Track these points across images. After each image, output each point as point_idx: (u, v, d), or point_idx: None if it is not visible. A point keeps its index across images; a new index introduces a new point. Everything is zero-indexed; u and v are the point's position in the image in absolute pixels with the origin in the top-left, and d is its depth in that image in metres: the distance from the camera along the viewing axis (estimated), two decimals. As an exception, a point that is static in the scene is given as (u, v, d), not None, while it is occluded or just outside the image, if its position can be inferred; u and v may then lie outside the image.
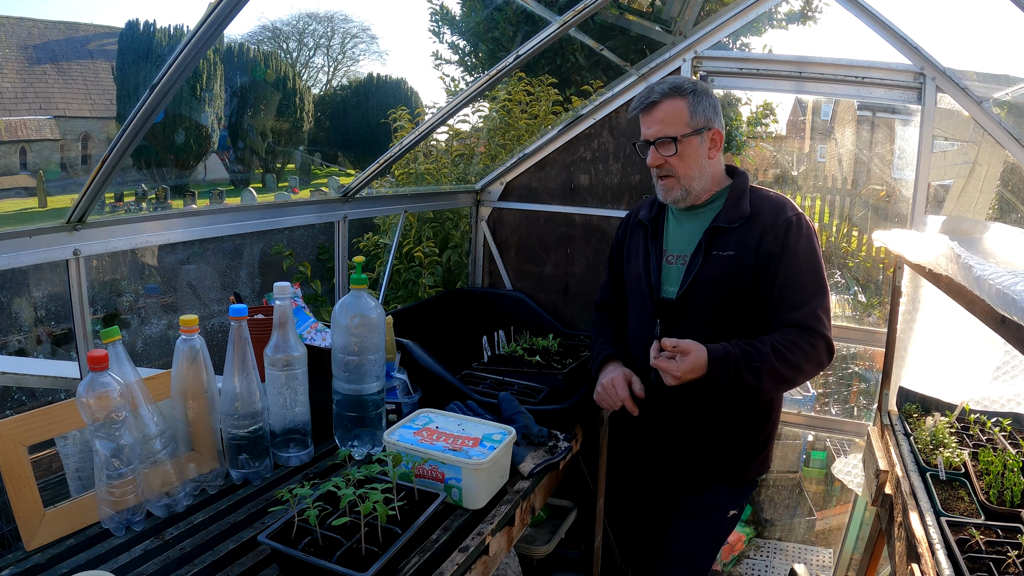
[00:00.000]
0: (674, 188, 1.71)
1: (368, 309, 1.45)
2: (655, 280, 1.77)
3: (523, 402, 1.80)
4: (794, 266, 1.63)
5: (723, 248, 1.67)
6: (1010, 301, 1.00)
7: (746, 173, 1.79)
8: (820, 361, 1.63)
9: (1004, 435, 1.85)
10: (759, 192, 1.74)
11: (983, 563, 1.32)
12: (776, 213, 1.67)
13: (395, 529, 1.11)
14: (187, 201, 16.35)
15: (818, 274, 1.66)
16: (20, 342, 5.88)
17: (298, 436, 1.47)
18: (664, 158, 1.68)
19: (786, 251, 1.63)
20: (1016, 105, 2.42)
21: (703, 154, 1.69)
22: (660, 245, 1.81)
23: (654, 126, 1.67)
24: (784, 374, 1.58)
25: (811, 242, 1.67)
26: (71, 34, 18.28)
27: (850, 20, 2.37)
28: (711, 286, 1.67)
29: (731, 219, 1.68)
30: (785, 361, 1.57)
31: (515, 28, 7.83)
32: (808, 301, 1.62)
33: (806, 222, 1.68)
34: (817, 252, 1.67)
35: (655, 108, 1.67)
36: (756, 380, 1.56)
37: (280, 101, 20.64)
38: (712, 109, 1.68)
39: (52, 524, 1.16)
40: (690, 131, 1.66)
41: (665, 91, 1.67)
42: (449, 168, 4.58)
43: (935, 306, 2.06)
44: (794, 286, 1.63)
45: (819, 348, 1.61)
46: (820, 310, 1.63)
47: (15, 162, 16.21)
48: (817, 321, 1.61)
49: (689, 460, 1.81)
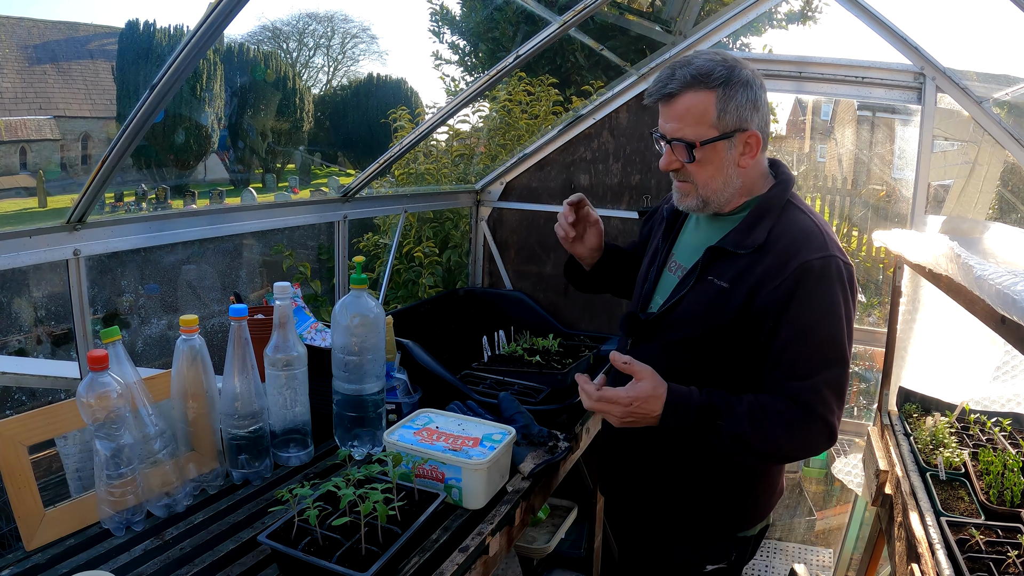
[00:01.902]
0: (689, 196, 1.39)
1: (368, 309, 1.45)
2: (649, 287, 1.53)
3: (523, 402, 1.80)
4: (800, 325, 1.27)
5: (720, 275, 1.35)
6: (1010, 301, 1.00)
7: (787, 182, 1.41)
8: (811, 445, 1.30)
9: (1004, 435, 1.85)
10: (789, 216, 1.36)
11: (983, 563, 1.32)
12: (792, 253, 1.29)
13: (395, 529, 1.11)
14: (187, 201, 16.36)
15: (834, 342, 1.28)
16: (20, 342, 5.88)
17: (298, 436, 1.47)
18: (680, 161, 1.34)
19: (793, 305, 1.27)
20: (1016, 105, 2.42)
21: (731, 161, 1.33)
22: (670, 247, 1.55)
23: (671, 122, 1.32)
24: (755, 445, 1.26)
25: (832, 298, 1.28)
26: (71, 34, 18.28)
27: (850, 20, 2.38)
28: (692, 314, 1.38)
29: (739, 244, 1.34)
30: (760, 431, 1.25)
31: (515, 28, 7.84)
32: (812, 374, 1.27)
33: (835, 269, 1.29)
34: (838, 312, 1.29)
35: (674, 101, 1.30)
36: (718, 441, 1.26)
37: (280, 101, 20.64)
38: (750, 105, 1.30)
39: (52, 524, 1.16)
40: (716, 135, 1.29)
41: (687, 79, 1.28)
42: (449, 168, 4.59)
43: (935, 306, 2.06)
44: (798, 352, 1.28)
45: (813, 431, 1.27)
46: (827, 387, 1.27)
47: (15, 162, 16.21)
48: (818, 399, 1.26)
49: (656, 510, 1.53)
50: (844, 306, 1.29)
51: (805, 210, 1.39)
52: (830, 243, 1.32)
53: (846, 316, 1.30)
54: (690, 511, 1.48)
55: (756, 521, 1.53)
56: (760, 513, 1.54)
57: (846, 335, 1.30)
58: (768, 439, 1.26)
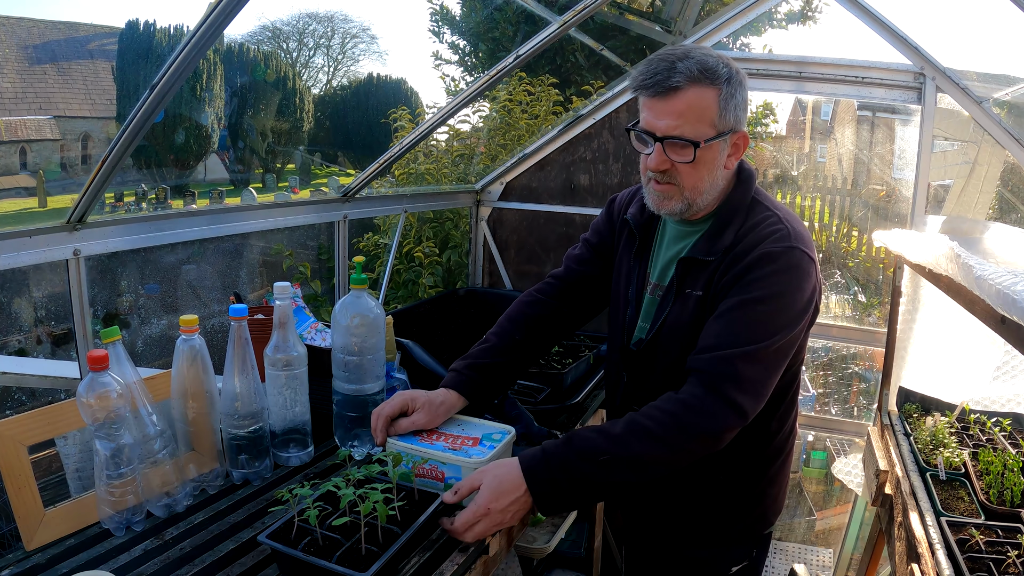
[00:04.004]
0: (673, 200, 1.30)
1: (368, 309, 1.45)
2: (632, 312, 1.44)
3: (523, 402, 1.80)
4: (736, 301, 1.22)
5: (694, 285, 1.31)
6: (1010, 301, 1.00)
7: (749, 180, 1.37)
8: (703, 431, 1.16)
9: (1004, 435, 1.85)
10: (755, 215, 1.32)
11: (983, 563, 1.32)
12: (755, 247, 1.26)
13: (395, 529, 1.11)
14: (187, 201, 16.36)
15: (770, 318, 1.20)
16: (20, 342, 5.89)
17: (298, 436, 1.47)
18: (672, 162, 1.26)
19: (738, 285, 1.23)
20: (1016, 105, 2.42)
21: (721, 163, 1.29)
22: (645, 267, 1.45)
23: (668, 118, 1.22)
24: (654, 455, 1.16)
25: (783, 287, 1.22)
26: (71, 34, 18.29)
27: (850, 20, 2.38)
28: (679, 332, 1.32)
29: (709, 250, 1.30)
30: (651, 440, 1.15)
31: (515, 28, 7.83)
32: (730, 343, 1.18)
33: (795, 259, 1.24)
34: (785, 300, 1.22)
35: (675, 96, 1.21)
36: (605, 475, 1.16)
37: (280, 101, 20.65)
38: (744, 105, 1.27)
39: (52, 524, 1.16)
40: (715, 134, 1.24)
41: (694, 74, 1.19)
42: (449, 168, 4.59)
43: (935, 306, 2.06)
44: (723, 320, 1.22)
45: (713, 413, 1.16)
46: (742, 360, 1.17)
47: (15, 162, 16.22)
48: (727, 371, 1.17)
49: (659, 522, 1.51)
50: (796, 295, 1.23)
51: (771, 206, 1.34)
52: (793, 236, 1.27)
53: (795, 305, 1.23)
54: (715, 516, 1.45)
55: (776, 515, 1.51)
56: (779, 507, 1.52)
57: (790, 323, 1.23)
58: (665, 442, 1.16)
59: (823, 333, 2.70)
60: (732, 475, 1.42)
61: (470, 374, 1.46)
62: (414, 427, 1.36)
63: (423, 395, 1.40)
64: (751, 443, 1.37)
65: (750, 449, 1.39)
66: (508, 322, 1.55)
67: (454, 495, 1.20)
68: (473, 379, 1.46)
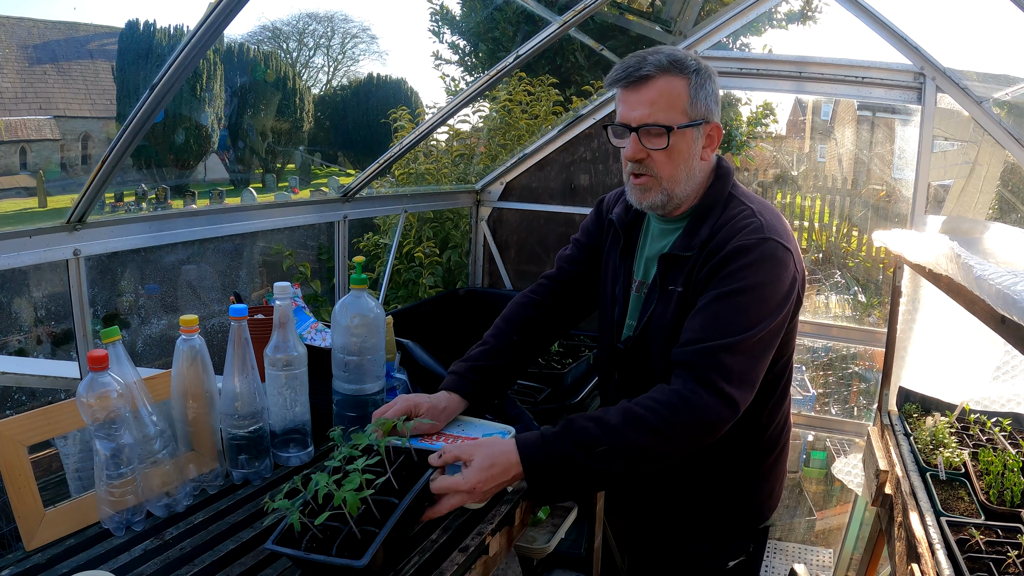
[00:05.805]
0: (652, 191, 1.35)
1: (368, 309, 1.45)
2: (620, 311, 1.48)
3: (523, 402, 1.80)
4: (717, 291, 1.25)
5: (675, 281, 1.35)
6: (1010, 301, 1.00)
7: (726, 175, 1.41)
8: (698, 422, 1.18)
9: (1004, 435, 1.85)
10: (731, 209, 1.35)
11: (983, 563, 1.32)
12: (729, 240, 1.29)
13: (392, 500, 1.10)
14: (187, 201, 16.36)
15: (750, 309, 1.22)
16: (20, 342, 5.88)
17: (298, 436, 1.47)
18: (647, 151, 1.31)
19: (716, 277, 1.27)
20: (1016, 105, 2.42)
21: (696, 153, 1.34)
22: (630, 265, 1.50)
23: (641, 107, 1.30)
24: (649, 446, 1.17)
25: (759, 278, 1.24)
26: (71, 34, 18.29)
27: (850, 20, 2.38)
28: (664, 328, 1.36)
29: (687, 246, 1.34)
30: (646, 431, 1.16)
31: (515, 28, 7.83)
32: (712, 336, 1.21)
33: (768, 250, 1.26)
34: (763, 292, 1.24)
35: (646, 85, 1.29)
36: (606, 466, 1.17)
37: (280, 101, 20.65)
38: (714, 98, 1.34)
39: (52, 524, 1.16)
40: (687, 121, 1.30)
41: (663, 64, 1.28)
42: (449, 168, 4.59)
43: (935, 306, 2.06)
44: (703, 314, 1.25)
45: (706, 405, 1.17)
46: (725, 352, 1.19)
47: (15, 162, 16.22)
48: (712, 363, 1.19)
49: (654, 516, 1.54)
50: (775, 285, 1.26)
51: (746, 200, 1.37)
52: (767, 227, 1.29)
53: (775, 295, 1.25)
54: (709, 510, 1.48)
55: (772, 510, 1.54)
56: (775, 502, 1.54)
57: (771, 313, 1.25)
58: (662, 433, 1.17)
59: (823, 333, 2.71)
60: (724, 469, 1.44)
61: (471, 376, 1.47)
62: (419, 432, 1.36)
63: (426, 399, 1.40)
64: (741, 437, 1.39)
65: (741, 443, 1.41)
66: (505, 323, 1.58)
67: (438, 458, 1.20)
68: (474, 381, 1.47)
